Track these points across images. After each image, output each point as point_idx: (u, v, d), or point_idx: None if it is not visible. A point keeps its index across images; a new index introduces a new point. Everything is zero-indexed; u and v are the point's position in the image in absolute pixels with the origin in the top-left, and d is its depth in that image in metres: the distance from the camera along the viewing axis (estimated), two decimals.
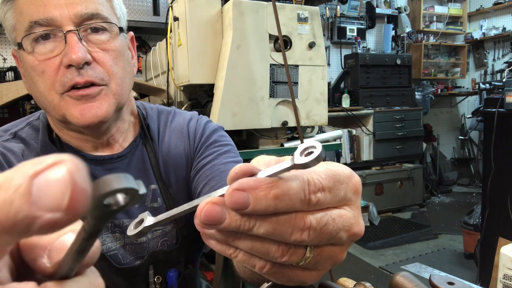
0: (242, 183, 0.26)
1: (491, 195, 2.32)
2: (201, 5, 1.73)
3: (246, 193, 0.26)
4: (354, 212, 0.30)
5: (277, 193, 0.26)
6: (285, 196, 0.26)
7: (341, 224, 0.29)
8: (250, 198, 0.26)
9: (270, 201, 0.26)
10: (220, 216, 0.26)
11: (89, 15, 0.67)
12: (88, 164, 0.75)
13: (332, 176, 0.29)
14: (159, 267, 0.79)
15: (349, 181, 0.30)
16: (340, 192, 0.29)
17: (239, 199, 0.26)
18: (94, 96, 0.67)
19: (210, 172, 0.76)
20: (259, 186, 0.26)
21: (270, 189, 0.26)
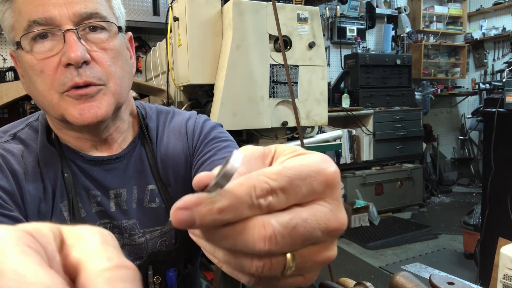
0: (185, 201, 0.25)
1: (491, 195, 2.32)
2: (201, 5, 1.73)
3: (189, 211, 0.25)
4: (330, 206, 0.28)
5: (221, 206, 0.25)
6: (230, 207, 0.25)
7: (315, 222, 0.27)
8: (194, 216, 0.25)
9: (216, 215, 0.25)
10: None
11: (88, 14, 0.66)
12: (87, 164, 0.75)
13: (288, 174, 0.26)
14: (159, 267, 0.79)
15: (317, 175, 0.27)
16: (301, 189, 0.27)
17: (183, 217, 0.25)
18: (93, 96, 0.67)
19: (209, 168, 0.76)
20: (202, 201, 0.25)
21: (213, 203, 0.25)
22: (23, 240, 0.19)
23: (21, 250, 0.18)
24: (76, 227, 0.24)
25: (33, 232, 0.20)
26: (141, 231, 0.78)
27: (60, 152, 0.74)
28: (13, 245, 0.19)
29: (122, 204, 0.77)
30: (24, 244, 0.19)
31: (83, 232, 0.23)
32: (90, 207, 0.75)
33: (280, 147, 0.32)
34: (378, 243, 3.45)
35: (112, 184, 0.76)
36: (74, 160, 0.75)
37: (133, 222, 0.78)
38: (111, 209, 0.76)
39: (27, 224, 0.22)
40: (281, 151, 0.31)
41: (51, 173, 0.72)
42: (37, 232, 0.21)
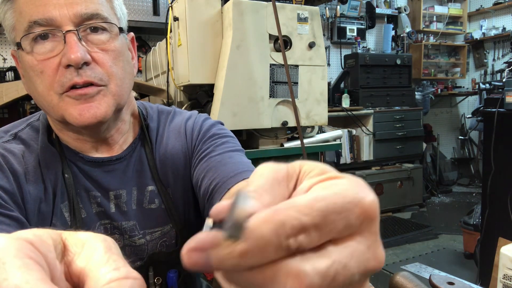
0: (199, 241, 0.21)
1: (491, 195, 2.32)
2: (201, 5, 1.73)
3: (204, 253, 0.21)
4: (367, 243, 0.24)
5: (243, 249, 0.21)
6: (254, 250, 0.21)
7: (355, 266, 0.23)
8: (210, 259, 0.21)
9: (237, 259, 0.21)
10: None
11: (89, 15, 0.66)
12: (87, 166, 0.75)
13: (321, 208, 0.22)
14: (159, 268, 0.79)
15: (354, 207, 0.23)
16: (336, 225, 0.23)
17: (198, 261, 0.21)
18: (93, 96, 0.67)
19: (207, 164, 0.76)
20: (220, 242, 0.21)
21: (234, 245, 0.21)
22: (24, 251, 0.19)
23: (23, 263, 0.18)
24: (79, 233, 0.24)
25: (33, 241, 0.20)
26: (141, 232, 0.78)
27: (61, 153, 0.74)
28: (13, 256, 0.18)
29: (122, 205, 0.77)
30: (25, 256, 0.19)
31: (86, 239, 0.23)
32: (91, 207, 0.75)
33: (306, 165, 0.27)
34: None
35: (112, 185, 0.76)
36: (74, 161, 0.75)
37: (133, 223, 0.78)
38: (111, 210, 0.76)
39: (27, 231, 0.21)
40: (306, 171, 0.27)
41: (52, 174, 0.72)
42: (37, 240, 0.20)
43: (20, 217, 0.65)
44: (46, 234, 0.22)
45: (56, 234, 0.23)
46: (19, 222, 0.64)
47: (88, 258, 0.22)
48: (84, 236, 0.23)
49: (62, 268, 0.22)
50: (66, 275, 0.22)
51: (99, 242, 0.23)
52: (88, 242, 0.23)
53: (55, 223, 0.71)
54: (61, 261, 0.22)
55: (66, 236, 0.23)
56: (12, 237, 0.20)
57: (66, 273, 0.22)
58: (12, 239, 0.20)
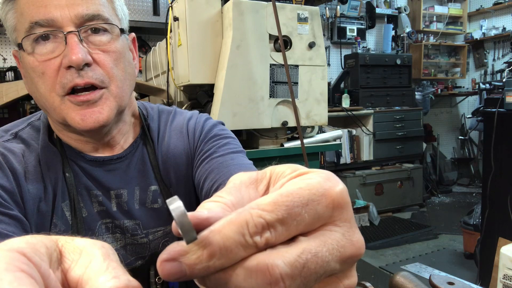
0: (170, 252, 0.22)
1: (491, 195, 2.32)
2: (201, 5, 1.73)
3: (176, 262, 0.22)
4: (341, 230, 0.24)
5: (211, 251, 0.22)
6: (220, 250, 0.22)
7: (328, 253, 0.23)
8: (183, 266, 0.22)
9: (206, 262, 0.22)
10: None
11: (90, 16, 0.66)
12: (88, 165, 0.75)
13: (285, 203, 0.22)
14: None
15: (321, 198, 0.23)
16: (303, 218, 0.23)
17: (171, 270, 0.22)
18: (95, 101, 0.67)
19: (209, 165, 0.76)
20: (188, 249, 0.22)
21: (202, 249, 0.22)
22: (15, 263, 0.18)
23: (14, 277, 0.18)
24: (76, 240, 0.23)
25: (25, 251, 0.19)
26: (144, 232, 0.78)
27: (62, 152, 0.74)
28: (4, 270, 0.18)
29: (123, 205, 0.77)
30: (16, 269, 0.18)
31: (83, 246, 0.22)
32: (92, 206, 0.75)
33: (278, 169, 0.27)
34: (378, 243, 3.45)
35: (113, 184, 0.76)
36: (76, 160, 0.75)
37: (136, 222, 0.78)
38: (112, 209, 0.76)
39: (20, 239, 0.21)
40: (279, 173, 0.27)
41: (52, 173, 0.72)
42: (30, 250, 0.20)
43: (19, 216, 0.65)
44: (39, 243, 0.21)
45: (51, 241, 0.22)
46: (19, 221, 0.64)
47: (86, 266, 0.21)
48: (81, 243, 0.23)
49: (59, 276, 0.21)
50: (63, 283, 0.21)
51: (97, 249, 0.22)
52: (86, 249, 0.22)
53: (56, 222, 0.71)
54: (57, 269, 0.21)
55: (62, 243, 0.23)
56: (2, 249, 0.19)
57: (63, 281, 0.21)
58: (3, 250, 0.19)
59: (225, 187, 0.27)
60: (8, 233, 0.60)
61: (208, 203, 0.25)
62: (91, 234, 0.75)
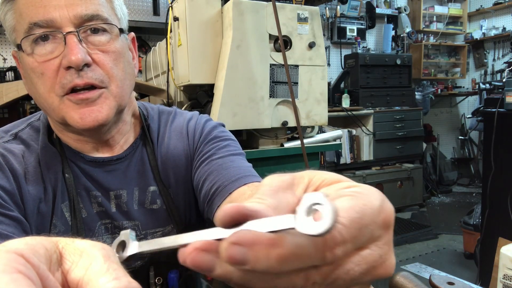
0: (241, 236, 0.22)
1: (491, 195, 2.32)
2: (201, 5, 1.73)
3: (244, 248, 0.22)
4: (381, 251, 0.24)
5: (281, 254, 0.21)
6: (292, 257, 0.21)
7: (359, 274, 0.23)
8: (248, 256, 0.21)
9: (273, 263, 0.21)
10: (209, 265, 0.22)
11: (89, 16, 0.66)
12: (87, 165, 0.75)
13: (358, 219, 0.22)
14: (160, 269, 0.79)
15: (378, 217, 0.23)
16: (365, 236, 0.23)
17: (236, 255, 0.22)
18: (94, 100, 0.67)
19: (208, 167, 0.76)
20: (260, 241, 0.21)
21: (272, 248, 0.21)
22: (13, 264, 0.18)
23: (11, 278, 0.18)
24: (76, 241, 0.23)
25: (24, 253, 0.19)
26: (143, 233, 0.78)
27: (61, 152, 0.74)
28: (1, 271, 0.18)
29: (123, 205, 0.77)
30: (14, 270, 0.18)
31: (84, 247, 0.23)
32: (91, 207, 0.75)
33: (317, 175, 0.28)
34: None
35: (113, 185, 0.76)
36: (75, 161, 0.75)
37: (135, 223, 0.78)
38: (111, 210, 0.76)
39: (20, 240, 0.21)
40: (318, 180, 0.27)
41: (52, 174, 0.72)
42: (28, 252, 0.20)
43: (19, 217, 0.65)
44: (39, 244, 0.21)
45: (51, 242, 0.22)
46: (19, 222, 0.64)
47: (86, 267, 0.21)
48: (81, 244, 0.23)
49: (60, 277, 0.21)
50: (63, 285, 0.21)
51: (97, 250, 0.22)
52: (86, 251, 0.22)
53: (55, 223, 0.71)
54: (57, 270, 0.21)
55: (62, 244, 0.23)
56: (1, 250, 0.19)
57: (63, 283, 0.21)
58: (1, 252, 0.19)
59: (263, 189, 0.26)
60: (8, 234, 0.60)
61: (252, 203, 0.25)
62: (91, 235, 0.75)
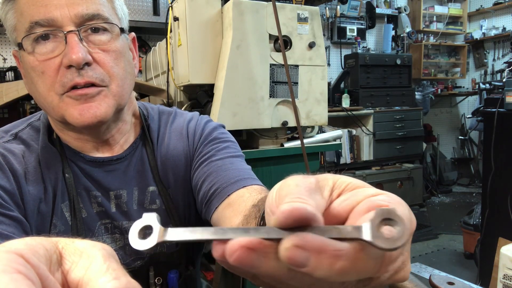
0: (307, 241, 0.21)
1: (491, 195, 2.32)
2: (201, 5, 1.73)
3: (307, 253, 0.21)
4: (404, 257, 0.25)
5: (344, 266, 0.21)
6: (352, 271, 0.21)
7: (391, 275, 0.25)
8: (310, 262, 0.21)
9: (333, 273, 0.21)
10: (254, 265, 0.22)
11: (90, 16, 0.66)
12: (87, 165, 0.75)
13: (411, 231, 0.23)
14: (160, 269, 0.79)
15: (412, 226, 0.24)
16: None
17: (297, 258, 0.21)
18: (93, 96, 0.67)
19: (207, 168, 0.76)
20: (325, 250, 0.21)
21: (336, 259, 0.21)
22: (12, 265, 0.18)
23: (11, 278, 0.18)
24: (76, 242, 0.23)
25: (23, 253, 0.19)
26: None
27: (61, 152, 0.74)
28: (1, 271, 0.18)
29: (122, 205, 0.77)
30: (14, 270, 0.18)
31: (84, 247, 0.23)
32: (91, 207, 0.75)
33: (341, 179, 0.28)
34: None
35: (113, 185, 0.76)
36: (75, 161, 0.75)
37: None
38: (111, 210, 0.76)
39: (20, 240, 0.21)
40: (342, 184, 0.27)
41: (52, 174, 0.72)
42: (28, 252, 0.20)
43: (19, 217, 0.65)
44: (39, 244, 0.21)
45: (51, 243, 0.22)
46: (19, 222, 0.64)
47: (86, 267, 0.21)
48: (81, 244, 0.23)
49: (60, 277, 0.21)
50: (63, 285, 0.21)
51: (97, 250, 0.22)
52: (86, 251, 0.22)
53: (55, 222, 0.71)
54: (57, 271, 0.21)
55: (62, 245, 0.23)
56: (1, 250, 0.19)
57: (63, 283, 0.21)
58: (1, 252, 0.19)
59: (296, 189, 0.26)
60: (8, 234, 0.60)
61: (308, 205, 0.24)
62: (91, 235, 0.75)
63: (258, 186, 0.70)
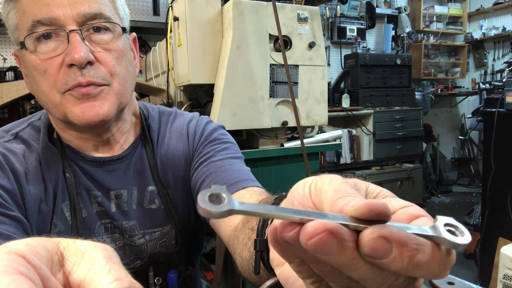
0: (393, 232, 0.22)
1: (491, 195, 2.32)
2: (201, 5, 1.73)
3: (390, 245, 0.22)
4: None
5: (421, 260, 0.22)
6: (426, 266, 0.22)
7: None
8: (391, 253, 0.22)
9: (409, 266, 0.22)
10: (330, 250, 0.22)
11: (92, 15, 0.66)
12: (88, 165, 0.75)
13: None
14: (159, 269, 0.79)
15: None
16: None
17: (381, 248, 0.22)
18: (95, 95, 0.67)
19: (207, 169, 0.76)
20: (408, 244, 0.22)
21: (416, 252, 0.22)
22: (14, 266, 0.18)
23: (12, 279, 0.18)
24: (78, 242, 0.23)
25: (25, 254, 0.19)
26: (141, 232, 0.78)
27: (62, 152, 0.74)
28: (2, 272, 0.18)
29: (123, 205, 0.77)
30: (15, 271, 0.18)
31: (85, 248, 0.23)
32: (91, 207, 0.75)
33: (371, 186, 0.29)
34: None
35: (113, 185, 0.76)
36: (75, 161, 0.75)
37: (133, 223, 0.78)
38: (111, 210, 0.76)
39: (21, 241, 0.21)
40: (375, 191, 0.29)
41: (53, 173, 0.72)
42: (29, 253, 0.20)
43: (20, 217, 0.65)
44: (40, 245, 0.21)
45: (52, 244, 0.22)
46: (19, 222, 0.64)
47: (88, 268, 0.21)
48: (83, 245, 0.23)
49: (61, 278, 0.21)
50: (65, 286, 0.21)
51: (99, 251, 0.22)
52: (88, 252, 0.22)
53: (55, 222, 0.71)
54: (58, 271, 0.21)
55: (64, 245, 0.23)
56: (2, 251, 0.19)
57: (65, 284, 0.21)
58: (2, 253, 0.19)
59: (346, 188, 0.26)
60: (8, 234, 0.60)
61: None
62: (91, 235, 0.75)
63: (258, 188, 0.70)
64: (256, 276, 0.46)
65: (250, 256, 0.51)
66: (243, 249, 0.54)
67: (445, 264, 0.23)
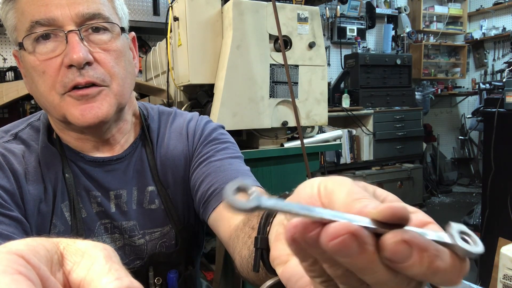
0: (415, 237, 0.22)
1: (491, 195, 2.32)
2: (201, 5, 1.73)
3: (411, 250, 0.22)
4: None
5: (440, 266, 0.22)
6: (443, 272, 0.22)
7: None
8: (411, 258, 0.22)
9: (426, 271, 0.22)
10: (351, 252, 0.22)
11: (91, 15, 0.66)
12: (87, 165, 0.75)
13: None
14: (159, 269, 0.79)
15: None
16: None
17: (402, 252, 0.22)
18: (94, 96, 0.67)
19: (206, 169, 0.76)
20: (428, 249, 0.22)
21: (435, 258, 0.22)
22: (13, 266, 0.18)
23: (11, 279, 0.18)
24: (77, 242, 0.23)
25: (24, 254, 0.19)
26: (141, 232, 0.78)
27: (61, 152, 0.74)
28: (1, 272, 0.18)
29: (122, 205, 0.77)
30: (14, 271, 0.18)
31: (85, 248, 0.23)
32: (91, 207, 0.75)
33: (378, 189, 0.29)
34: None
35: (113, 185, 0.76)
36: (75, 161, 0.75)
37: (133, 223, 0.78)
38: (111, 210, 0.76)
39: (20, 241, 0.21)
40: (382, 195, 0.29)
41: (52, 174, 0.72)
42: (29, 253, 0.20)
43: (19, 217, 0.65)
44: (39, 245, 0.21)
45: (52, 243, 0.22)
46: (19, 222, 0.64)
47: (88, 268, 0.21)
48: (83, 245, 0.23)
49: (61, 278, 0.21)
50: (65, 286, 0.21)
51: (99, 251, 0.22)
52: (88, 251, 0.22)
53: (55, 222, 0.71)
54: (58, 271, 0.21)
55: (64, 245, 0.23)
56: (1, 251, 0.19)
57: (65, 283, 0.21)
58: (1, 253, 0.19)
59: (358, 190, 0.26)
60: (8, 234, 0.60)
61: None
62: (91, 235, 0.75)
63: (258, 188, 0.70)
64: (254, 275, 0.46)
65: (249, 254, 0.51)
66: (243, 247, 0.54)
67: (460, 272, 0.23)
